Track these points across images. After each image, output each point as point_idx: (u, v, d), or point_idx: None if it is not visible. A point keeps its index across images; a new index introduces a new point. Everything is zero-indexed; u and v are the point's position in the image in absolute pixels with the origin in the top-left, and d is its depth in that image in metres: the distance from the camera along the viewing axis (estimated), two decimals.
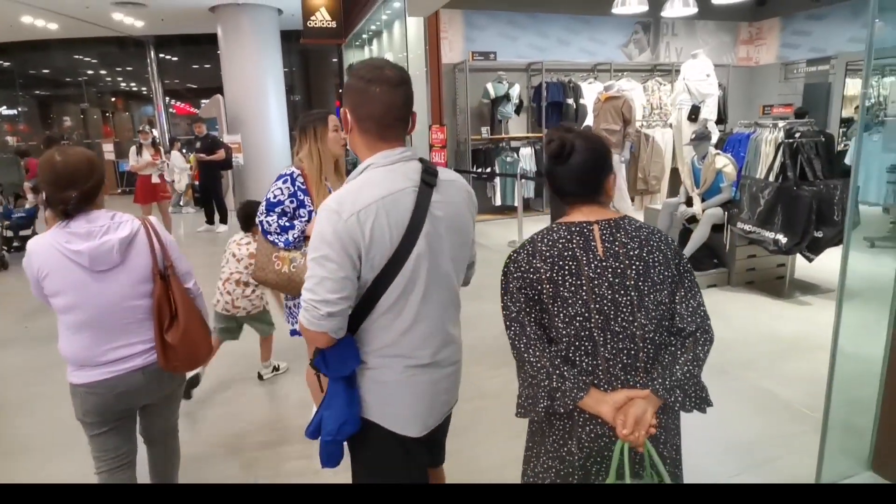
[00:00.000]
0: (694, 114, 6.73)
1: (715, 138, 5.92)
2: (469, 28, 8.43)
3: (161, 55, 13.99)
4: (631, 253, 1.28)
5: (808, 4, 9.15)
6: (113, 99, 17.05)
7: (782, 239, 4.29)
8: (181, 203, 10.39)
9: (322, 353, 1.28)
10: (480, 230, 7.59)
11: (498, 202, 8.30)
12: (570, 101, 8.24)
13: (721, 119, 8.29)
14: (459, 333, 1.44)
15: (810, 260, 4.37)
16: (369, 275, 1.24)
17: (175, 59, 14.60)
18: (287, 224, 2.23)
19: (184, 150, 8.70)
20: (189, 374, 2.84)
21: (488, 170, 8.08)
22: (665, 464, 1.29)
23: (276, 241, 2.20)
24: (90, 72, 15.30)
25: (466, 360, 3.50)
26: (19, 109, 14.88)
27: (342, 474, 1.55)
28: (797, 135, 4.48)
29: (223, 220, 8.42)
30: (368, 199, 1.22)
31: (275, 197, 2.23)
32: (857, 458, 2.36)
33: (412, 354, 1.32)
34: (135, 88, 16.42)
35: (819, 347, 3.60)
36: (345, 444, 1.39)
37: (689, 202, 5.11)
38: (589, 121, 7.93)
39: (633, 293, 1.26)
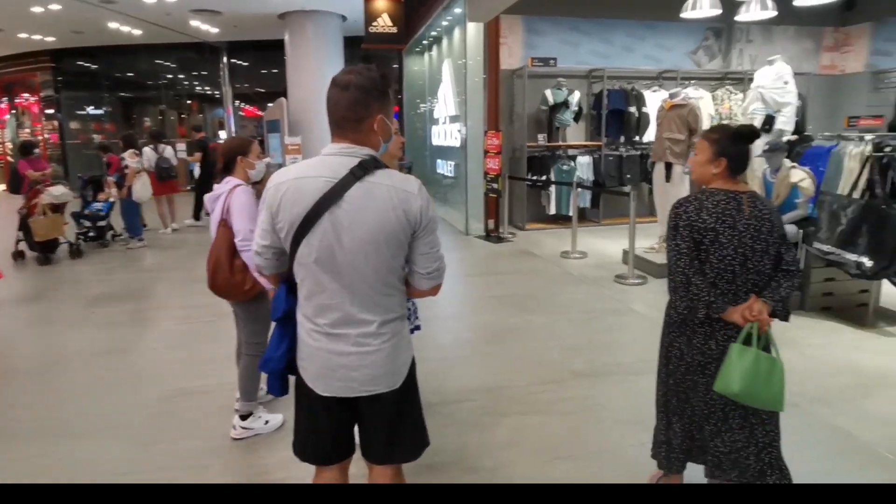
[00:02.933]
0: (768, 124, 6.30)
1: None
2: (529, 34, 8.29)
3: (233, 60, 14.64)
4: (764, 216, 1.84)
5: None
6: (188, 101, 18.00)
7: (867, 262, 3.90)
8: None
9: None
10: (533, 239, 7.42)
11: (552, 211, 8.08)
12: (633, 109, 7.94)
13: (799, 131, 7.74)
14: (379, 321, 1.52)
15: None
16: (283, 235, 1.49)
17: (245, 63, 15.24)
18: None
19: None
20: None
21: (543, 178, 7.89)
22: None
23: None
24: (169, 76, 16.21)
25: (510, 373, 3.37)
26: (105, 109, 15.98)
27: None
28: (887, 149, 4.07)
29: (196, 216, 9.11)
30: (289, 176, 1.47)
31: None
32: None
33: (313, 319, 1.52)
34: (208, 92, 17.26)
35: None
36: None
37: None
38: (652, 130, 7.61)
39: (764, 243, 1.83)
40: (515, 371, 3.47)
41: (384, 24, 9.73)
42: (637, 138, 8.10)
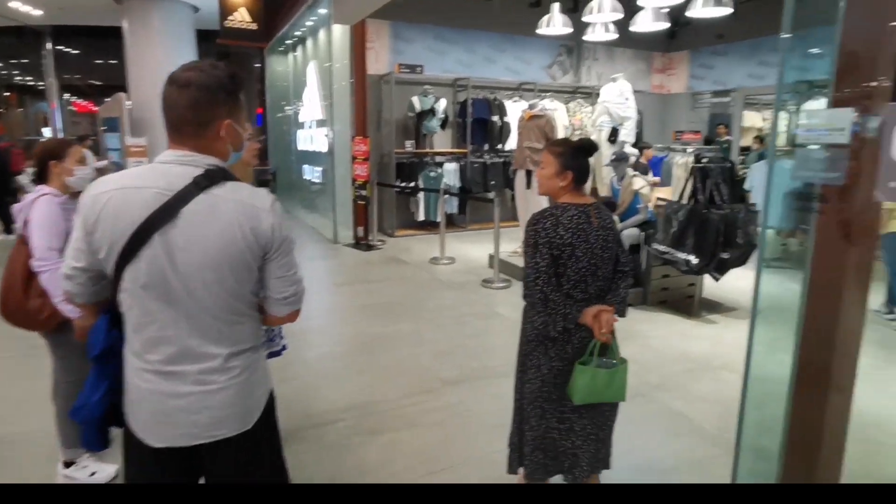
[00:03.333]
0: (613, 135, 6.94)
1: (633, 160, 6.10)
2: (396, 39, 8.31)
3: (59, 47, 12.80)
4: (607, 225, 1.97)
5: (713, 41, 9.82)
6: (6, 94, 15.44)
7: (693, 260, 4.43)
8: None
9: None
10: (402, 245, 7.41)
11: (421, 217, 8.16)
12: (496, 118, 8.30)
13: (638, 142, 8.66)
14: (227, 353, 1.33)
15: (717, 279, 4.54)
16: (102, 256, 1.27)
17: (76, 52, 13.42)
18: None
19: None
20: None
21: (411, 184, 7.94)
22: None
23: None
24: None
25: (380, 386, 3.28)
26: None
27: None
28: (704, 160, 4.68)
29: (7, 230, 7.79)
30: (110, 186, 1.26)
31: None
32: (767, 482, 2.37)
33: (142, 356, 1.31)
34: (30, 82, 14.95)
35: (724, 367, 3.71)
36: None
37: None
38: (513, 139, 8.02)
39: (610, 251, 1.96)
40: (386, 383, 3.39)
41: (242, 19, 9.15)
42: (500, 146, 8.49)
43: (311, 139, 9.20)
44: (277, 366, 2.14)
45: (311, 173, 9.46)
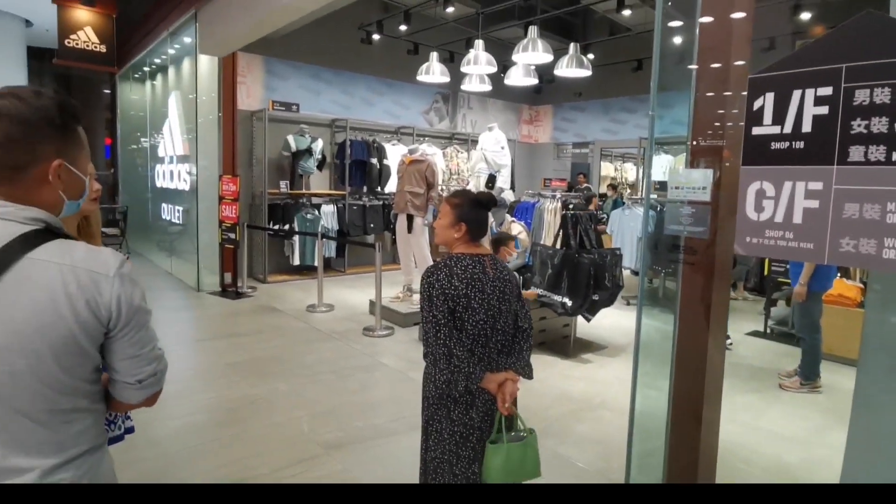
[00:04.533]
0: (491, 182, 7.19)
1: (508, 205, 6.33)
2: (270, 76, 7.99)
3: None
4: (504, 276, 1.93)
5: (572, 97, 10.82)
6: None
7: (568, 302, 4.63)
8: None
9: None
10: (276, 292, 6.94)
11: (296, 262, 7.73)
12: (374, 160, 8.24)
13: (512, 188, 9.10)
14: (50, 465, 1.01)
15: (589, 320, 4.79)
16: None
17: None
18: None
19: None
20: None
21: (286, 227, 7.52)
22: None
23: None
24: None
25: (252, 459, 2.96)
26: None
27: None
28: (570, 206, 4.97)
29: None
30: None
31: None
32: None
33: None
34: None
35: (602, 406, 3.84)
36: None
37: None
38: (393, 181, 8.00)
39: (508, 303, 1.91)
40: (258, 455, 3.00)
41: (87, 39, 8.23)
42: (379, 189, 8.42)
43: (172, 175, 8.40)
44: (117, 451, 1.76)
45: (171, 213, 8.60)
